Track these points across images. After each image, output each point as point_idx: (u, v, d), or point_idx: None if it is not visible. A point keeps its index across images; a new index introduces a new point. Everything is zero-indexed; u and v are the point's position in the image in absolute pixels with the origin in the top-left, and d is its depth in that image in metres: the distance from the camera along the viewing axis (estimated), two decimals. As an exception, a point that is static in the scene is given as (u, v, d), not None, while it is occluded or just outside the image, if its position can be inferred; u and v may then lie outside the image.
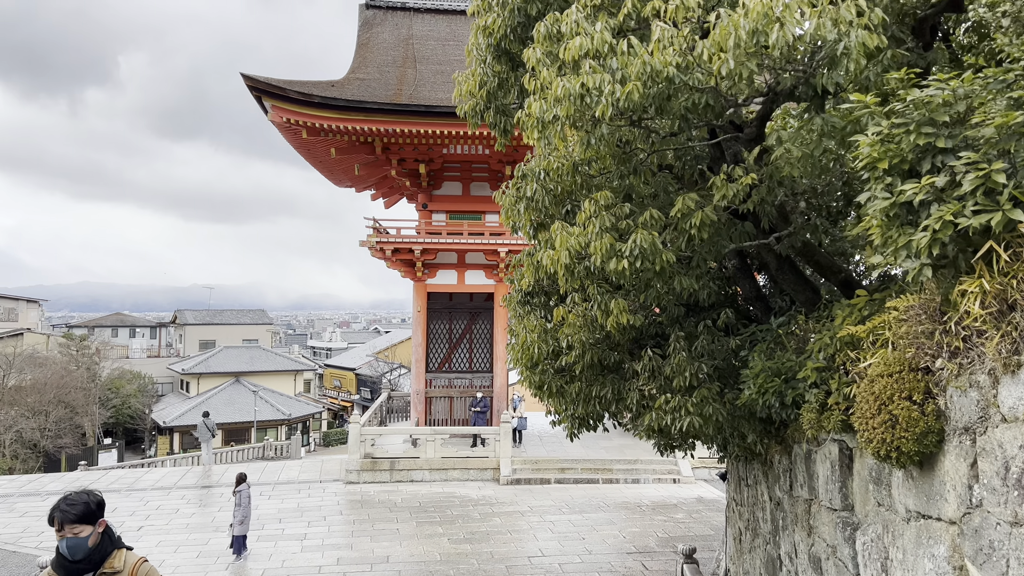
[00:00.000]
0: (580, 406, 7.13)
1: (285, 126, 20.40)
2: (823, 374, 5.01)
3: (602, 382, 6.86)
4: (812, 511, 5.62)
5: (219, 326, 71.90)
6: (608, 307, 5.60)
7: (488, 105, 6.54)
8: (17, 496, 19.32)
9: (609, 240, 5.12)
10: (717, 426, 6.05)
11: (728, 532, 11.61)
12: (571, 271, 5.52)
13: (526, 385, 7.51)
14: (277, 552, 14.55)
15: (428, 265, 23.37)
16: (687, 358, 5.98)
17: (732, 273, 6.84)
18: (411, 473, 20.87)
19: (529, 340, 7.03)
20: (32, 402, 46.06)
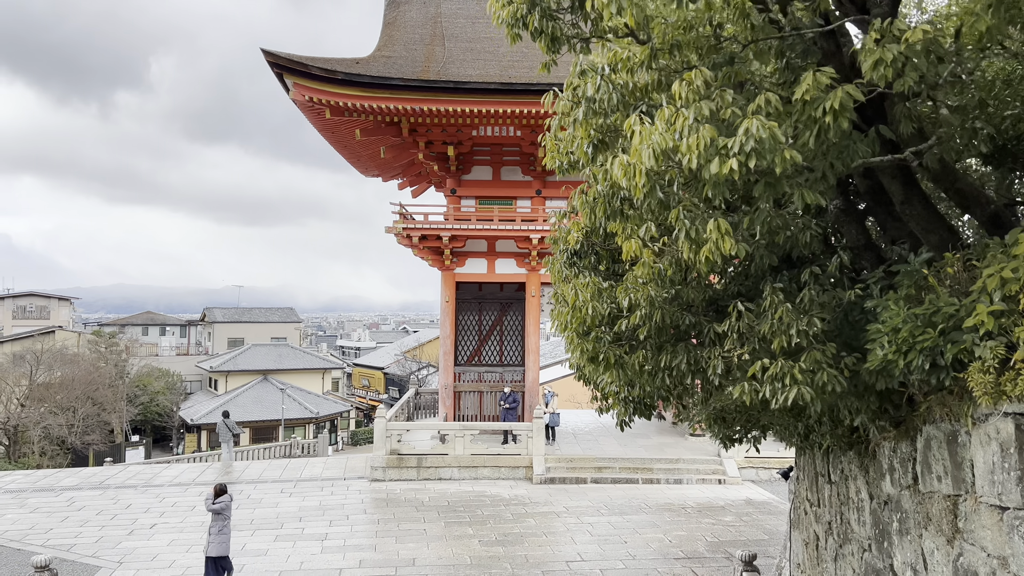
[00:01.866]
0: (643, 381, 5.91)
1: (308, 105, 19.44)
2: (1003, 320, 3.78)
3: (672, 350, 5.66)
4: (961, 510, 4.38)
5: (248, 324, 71.62)
6: (700, 234, 4.35)
7: (532, 8, 5.37)
8: (30, 491, 18.57)
9: (709, 133, 3.92)
10: (830, 399, 4.82)
11: (794, 537, 10.32)
12: (654, 183, 4.29)
13: (575, 357, 6.32)
14: (296, 553, 13.54)
15: (457, 253, 22.27)
16: (792, 311, 4.74)
17: (835, 216, 5.60)
18: (439, 471, 19.78)
19: (581, 300, 5.83)
20: (61, 399, 45.87)
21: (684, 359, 5.58)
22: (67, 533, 14.86)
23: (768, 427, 8.14)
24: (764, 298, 4.98)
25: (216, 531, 11.31)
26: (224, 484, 11.68)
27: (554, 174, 22.73)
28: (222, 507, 11.35)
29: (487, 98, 19.04)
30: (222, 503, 11.40)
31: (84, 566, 12.86)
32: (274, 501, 17.44)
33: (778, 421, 7.41)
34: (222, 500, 11.45)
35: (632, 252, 4.95)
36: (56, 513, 16.45)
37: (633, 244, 4.94)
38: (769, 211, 4.54)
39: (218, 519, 11.30)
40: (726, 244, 4.21)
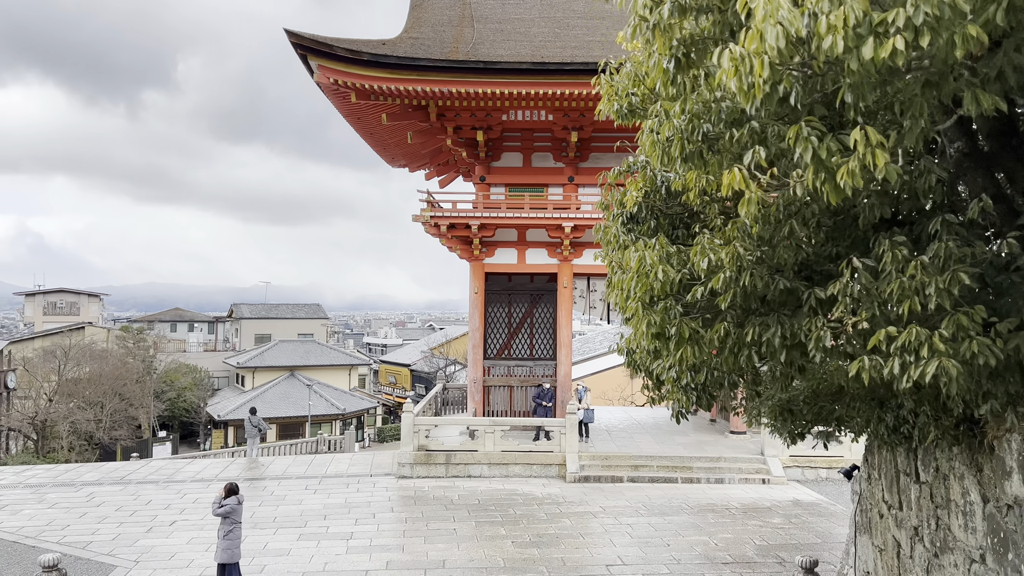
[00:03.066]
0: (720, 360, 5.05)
1: (332, 89, 18.77)
2: None
3: (762, 321, 4.79)
4: None
5: (275, 320, 71.51)
6: (832, 154, 3.43)
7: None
8: (50, 486, 18.11)
9: (861, 5, 3.01)
10: (977, 375, 3.91)
11: (862, 542, 9.38)
12: (779, 79, 3.37)
13: (636, 335, 5.47)
14: (320, 553, 12.85)
15: (486, 243, 21.48)
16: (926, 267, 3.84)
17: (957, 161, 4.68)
18: (468, 468, 19.02)
19: (648, 263, 4.98)
20: (89, 394, 45.88)
21: (777, 331, 4.70)
22: (84, 530, 14.31)
23: (844, 419, 7.25)
24: (882, 255, 4.10)
25: (223, 535, 10.55)
26: (235, 483, 10.91)
27: (587, 159, 21.88)
28: (228, 511, 10.56)
29: (518, 79, 18.24)
30: (228, 506, 10.61)
31: (99, 565, 12.27)
32: (298, 498, 16.80)
33: (860, 412, 6.52)
34: (229, 502, 10.67)
35: (734, 185, 4.05)
36: (75, 509, 15.94)
37: (736, 175, 4.03)
38: (926, 124, 3.61)
39: (226, 522, 10.55)
40: (878, 159, 3.31)
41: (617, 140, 22.11)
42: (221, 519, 10.54)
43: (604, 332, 68.32)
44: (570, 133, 20.89)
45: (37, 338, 57.76)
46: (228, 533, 10.49)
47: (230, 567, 10.50)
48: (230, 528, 10.51)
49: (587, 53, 18.63)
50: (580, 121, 20.60)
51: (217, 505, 10.54)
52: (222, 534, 10.51)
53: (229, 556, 10.54)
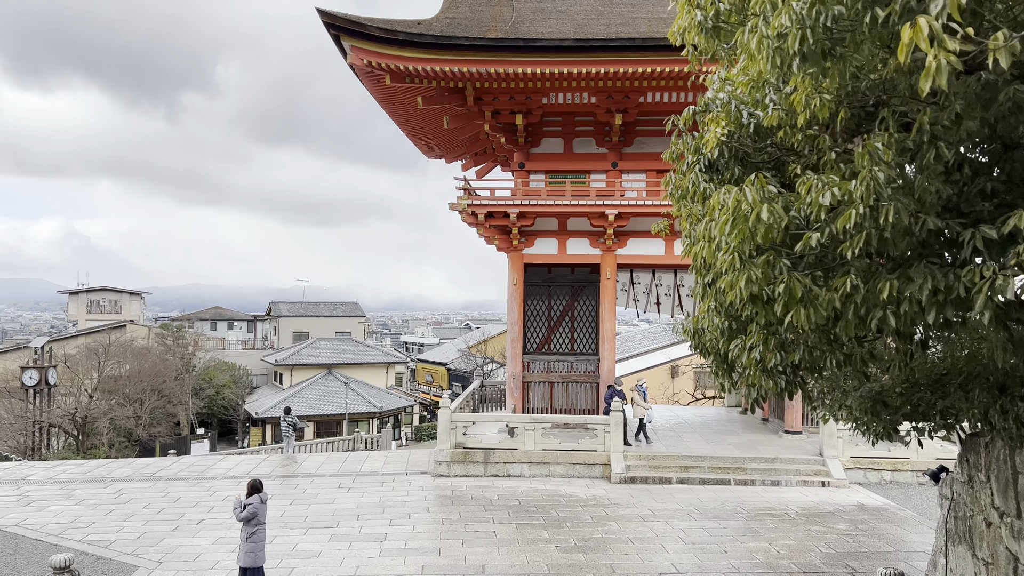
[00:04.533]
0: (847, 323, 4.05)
1: (366, 71, 18.04)
2: None
3: (902, 272, 3.80)
4: None
5: (312, 318, 71.50)
6: None
7: None
8: (80, 482, 17.66)
9: None
10: None
11: (957, 553, 8.27)
12: None
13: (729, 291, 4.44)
14: (351, 556, 12.07)
15: (525, 232, 20.58)
16: None
17: None
18: (508, 467, 18.15)
19: (749, 201, 3.98)
20: (129, 391, 46.04)
21: (927, 283, 3.71)
22: (109, 528, 13.74)
23: (949, 411, 6.20)
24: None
25: (245, 537, 9.80)
26: (258, 480, 10.14)
27: (631, 144, 20.85)
28: (251, 512, 9.77)
29: (559, 57, 17.32)
30: (252, 506, 9.83)
31: (121, 565, 11.64)
32: (331, 497, 16.08)
33: (977, 401, 5.48)
34: (252, 501, 9.91)
35: (918, 41, 3.05)
36: (102, 505, 15.41)
37: (921, 27, 3.01)
38: None
39: (250, 523, 9.79)
40: None
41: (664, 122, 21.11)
42: (242, 523, 9.80)
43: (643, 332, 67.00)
44: (614, 116, 19.89)
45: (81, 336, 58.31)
46: (252, 535, 9.75)
47: (253, 571, 9.74)
48: (254, 530, 9.77)
49: (632, 30, 17.64)
50: (624, 103, 19.59)
51: (240, 507, 9.77)
52: (245, 536, 9.76)
53: (253, 560, 9.79)
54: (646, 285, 22.82)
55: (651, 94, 19.73)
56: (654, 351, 49.50)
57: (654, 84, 18.63)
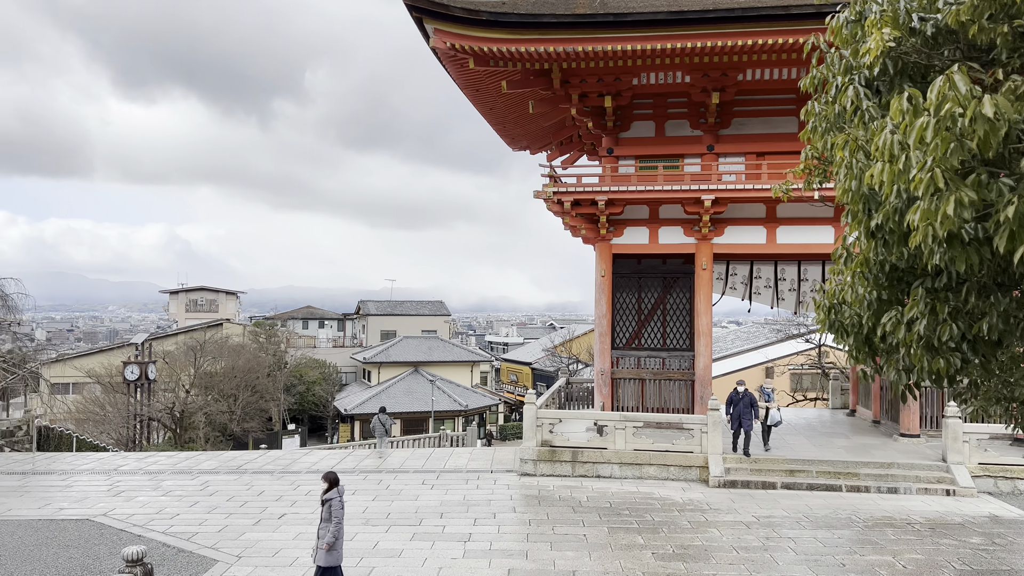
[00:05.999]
0: None
1: (449, 55, 17.47)
2: None
3: None
4: None
5: (399, 317, 72.18)
6: None
7: None
8: (168, 473, 17.74)
9: None
10: None
11: None
12: None
13: (923, 226, 3.37)
14: (433, 556, 11.42)
15: (614, 221, 19.58)
16: None
17: None
18: (597, 467, 17.22)
19: (962, 96, 2.99)
20: (224, 387, 47.31)
21: None
22: (192, 520, 13.56)
23: None
24: None
25: (317, 532, 9.25)
26: (334, 473, 9.54)
27: (729, 125, 19.58)
28: (328, 511, 9.21)
29: (653, 32, 16.27)
30: (336, 502, 9.25)
31: (200, 559, 11.34)
32: (414, 493, 15.55)
33: None
34: (332, 496, 9.33)
35: None
36: (187, 497, 15.33)
37: None
38: None
39: (328, 520, 9.22)
40: None
41: (766, 102, 19.65)
42: (321, 520, 9.21)
43: (734, 332, 64.69)
44: (710, 96, 18.67)
45: (180, 333, 60.48)
46: (335, 534, 9.17)
47: (331, 571, 9.17)
48: (337, 525, 9.18)
49: (731, 0, 16.43)
50: (722, 81, 18.36)
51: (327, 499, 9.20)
52: (327, 539, 9.17)
53: (334, 559, 9.21)
54: (744, 276, 21.46)
55: (751, 71, 18.43)
56: (748, 351, 47.56)
57: (755, 59, 17.36)
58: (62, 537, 12.53)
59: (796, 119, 19.49)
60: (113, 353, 54.50)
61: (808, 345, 39.33)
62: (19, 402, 42.94)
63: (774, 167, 18.22)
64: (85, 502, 15.02)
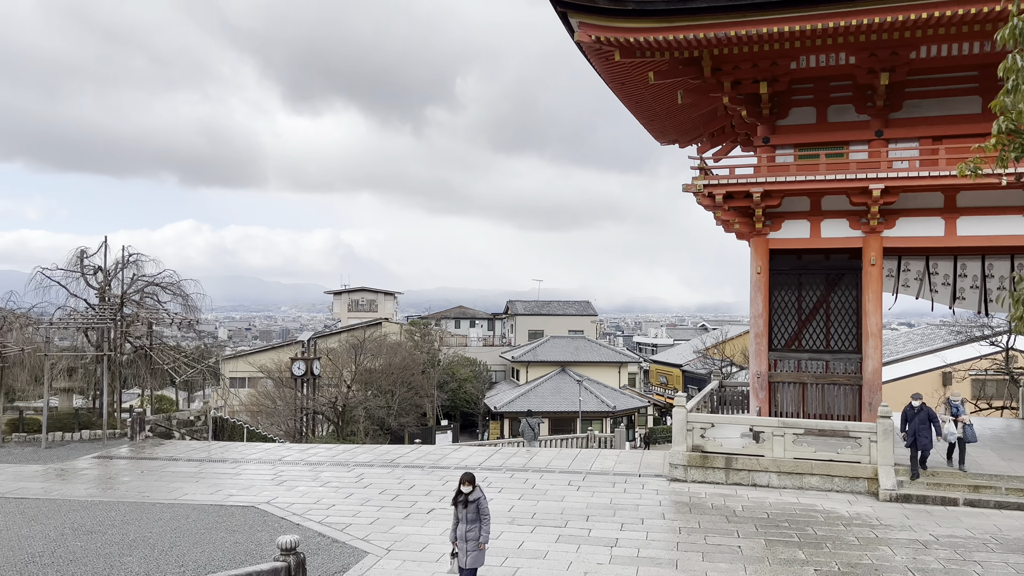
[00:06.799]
0: None
1: (594, 49, 17.13)
2: None
3: None
4: None
5: (547, 317, 72.59)
6: None
7: None
8: (327, 464, 18.55)
9: None
10: None
11: None
12: None
13: None
14: (579, 560, 11.15)
15: (770, 214, 18.48)
16: None
17: None
18: (752, 475, 16.28)
19: None
20: (381, 383, 49.42)
21: None
22: (346, 511, 14.03)
23: None
24: None
25: (470, 535, 9.10)
26: (471, 473, 9.46)
27: (900, 108, 17.99)
28: (476, 510, 9.10)
29: (815, 11, 15.14)
30: (477, 502, 9.13)
31: (352, 550, 11.66)
32: (559, 494, 15.33)
33: None
34: (479, 495, 9.22)
35: None
36: (343, 488, 15.91)
37: None
38: None
39: (478, 520, 9.12)
40: None
41: (943, 81, 17.88)
42: (467, 521, 9.11)
43: (905, 335, 59.92)
44: (878, 77, 17.19)
45: (342, 332, 63.81)
46: (467, 534, 9.06)
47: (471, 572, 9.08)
48: (472, 526, 9.09)
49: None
50: (892, 61, 16.86)
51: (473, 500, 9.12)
52: (469, 533, 9.07)
53: (483, 559, 9.15)
54: (918, 272, 19.62)
55: (926, 47, 16.79)
56: (922, 355, 43.80)
57: (931, 34, 15.77)
58: (229, 522, 13.33)
59: (979, 99, 17.59)
60: (283, 350, 58.30)
61: (994, 349, 35.61)
62: (200, 395, 46.86)
63: (953, 152, 16.50)
64: (251, 490, 15.95)
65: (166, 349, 26.11)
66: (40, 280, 24.48)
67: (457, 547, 9.13)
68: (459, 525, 9.14)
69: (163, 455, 20.24)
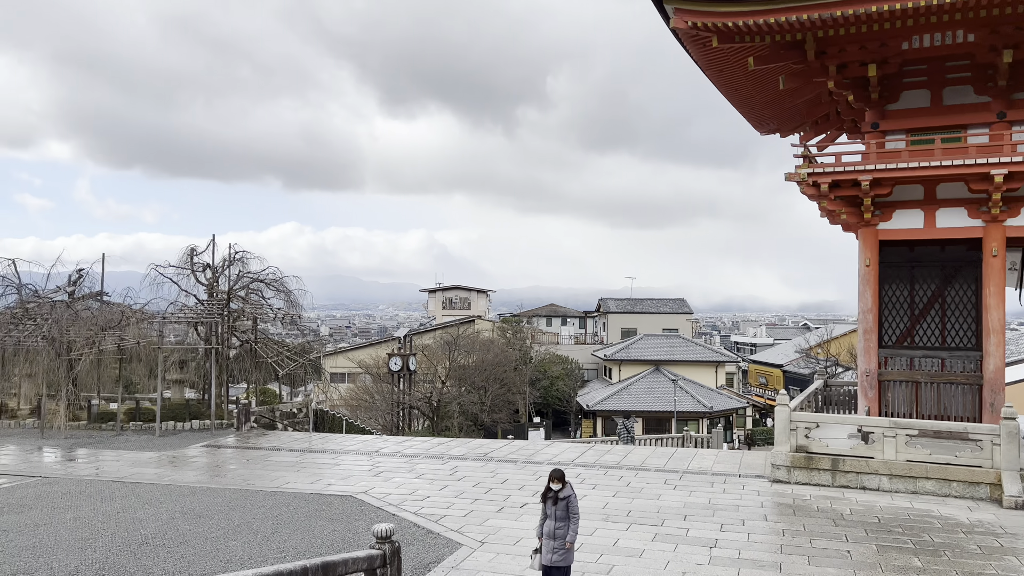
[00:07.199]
0: None
1: (691, 35, 16.63)
2: None
3: None
4: None
5: (639, 315, 71.59)
6: None
7: None
8: (422, 457, 18.78)
9: None
10: None
11: None
12: None
13: None
14: (676, 559, 10.83)
15: (880, 203, 17.49)
16: None
17: None
18: (861, 477, 15.46)
19: None
20: (474, 379, 49.94)
21: None
22: (441, 503, 14.13)
23: None
24: None
25: (556, 533, 8.90)
26: (561, 470, 9.27)
27: None
28: (565, 508, 8.87)
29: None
30: (567, 500, 8.92)
31: (447, 541, 11.71)
32: (655, 493, 14.98)
33: None
34: (570, 493, 9.04)
35: None
36: (437, 481, 16.06)
37: None
38: None
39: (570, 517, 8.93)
40: None
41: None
42: (555, 519, 8.93)
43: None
44: (1000, 55, 15.99)
45: (437, 329, 64.83)
46: (555, 531, 8.86)
47: (566, 569, 8.90)
48: (558, 523, 8.89)
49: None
50: (1015, 37, 15.65)
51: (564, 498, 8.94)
52: (557, 531, 8.89)
53: (572, 558, 8.96)
54: (1050, 264, 18.20)
55: (1057, 20, 15.52)
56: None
57: (1062, 5, 14.56)
58: (328, 511, 13.64)
59: (1119, 75, 16.14)
60: (380, 347, 59.70)
61: None
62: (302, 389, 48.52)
63: (1089, 132, 15.21)
64: (349, 480, 16.30)
65: (270, 343, 27.08)
66: (154, 277, 25.83)
67: (543, 544, 8.92)
68: (547, 522, 8.93)
69: (266, 445, 21.00)
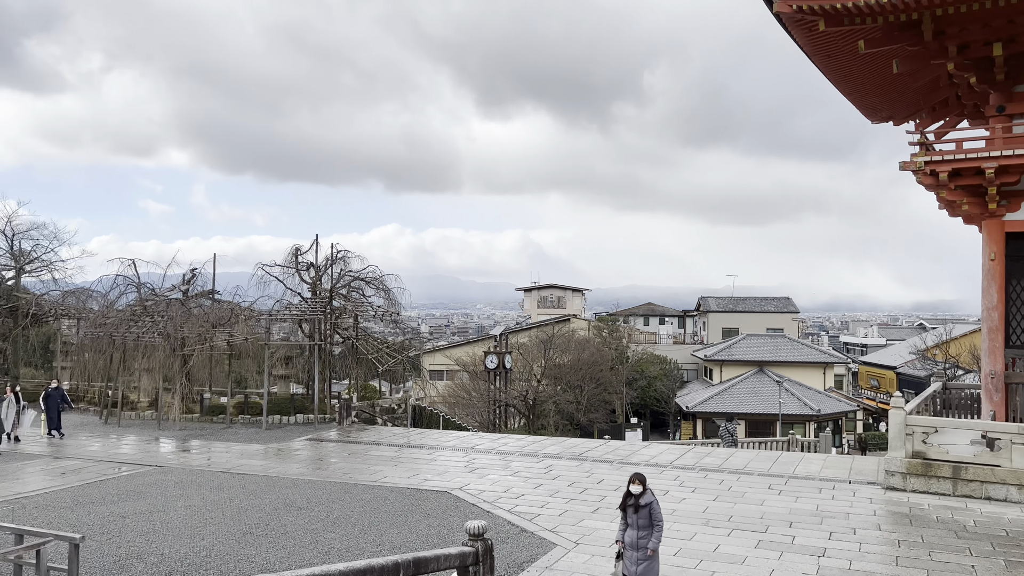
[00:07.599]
0: None
1: (796, 19, 15.88)
2: None
3: None
4: None
5: (742, 314, 69.47)
6: None
7: None
8: (517, 455, 18.72)
9: None
10: None
11: None
12: None
13: None
14: (781, 568, 10.31)
15: (1006, 193, 16.23)
16: None
17: None
18: (986, 487, 14.35)
19: None
20: (570, 378, 49.69)
21: None
22: (535, 502, 14.00)
23: None
24: None
25: (640, 542, 8.56)
26: (642, 473, 8.89)
27: None
28: (648, 515, 8.50)
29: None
30: (649, 506, 8.53)
31: (541, 541, 11.57)
32: (759, 498, 14.37)
33: None
34: (651, 499, 8.64)
35: None
36: (532, 479, 15.95)
37: None
38: None
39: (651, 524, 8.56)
40: None
41: None
42: (637, 527, 8.57)
43: None
44: None
45: (532, 328, 64.93)
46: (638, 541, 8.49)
47: None
48: (641, 532, 8.54)
49: None
50: None
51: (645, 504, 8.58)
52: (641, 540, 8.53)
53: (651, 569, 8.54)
54: None
55: None
56: None
57: None
58: (424, 506, 13.75)
59: None
60: (477, 345, 60.29)
61: None
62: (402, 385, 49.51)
63: None
64: (445, 475, 16.41)
65: (371, 340, 27.69)
66: (261, 276, 26.89)
67: (625, 555, 8.57)
68: (627, 531, 8.60)
69: (366, 439, 21.46)
